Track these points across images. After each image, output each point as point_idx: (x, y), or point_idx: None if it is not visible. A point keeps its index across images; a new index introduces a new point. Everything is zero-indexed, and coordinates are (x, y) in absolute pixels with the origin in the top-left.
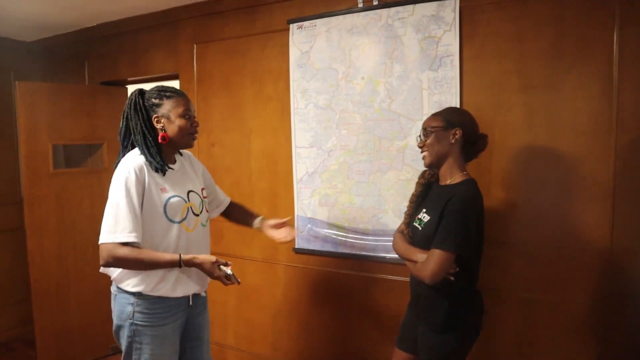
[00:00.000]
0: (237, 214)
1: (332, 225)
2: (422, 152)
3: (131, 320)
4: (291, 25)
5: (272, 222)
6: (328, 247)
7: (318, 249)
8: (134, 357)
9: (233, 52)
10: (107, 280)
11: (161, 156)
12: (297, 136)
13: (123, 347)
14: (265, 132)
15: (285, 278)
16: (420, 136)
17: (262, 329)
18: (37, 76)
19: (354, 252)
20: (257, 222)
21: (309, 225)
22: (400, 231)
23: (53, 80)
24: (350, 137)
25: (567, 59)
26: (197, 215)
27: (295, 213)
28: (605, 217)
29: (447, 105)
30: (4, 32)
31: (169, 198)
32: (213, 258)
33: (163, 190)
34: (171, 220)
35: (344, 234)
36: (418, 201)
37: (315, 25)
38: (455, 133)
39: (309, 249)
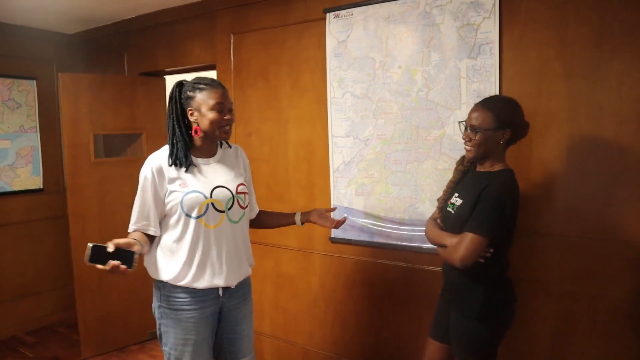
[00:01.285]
0: (270, 218)
1: (368, 215)
2: (466, 144)
3: (159, 303)
4: (328, 14)
5: (319, 210)
6: (364, 237)
7: (354, 239)
8: (163, 339)
9: (270, 42)
10: (145, 267)
11: (186, 151)
12: (334, 126)
13: (157, 329)
14: (302, 122)
15: (321, 267)
16: (464, 125)
17: (297, 317)
18: (79, 68)
19: (390, 241)
20: (298, 217)
21: (345, 215)
22: (432, 218)
23: (94, 71)
24: (387, 127)
25: (611, 45)
26: (222, 211)
27: (332, 203)
28: None
29: (486, 94)
30: (47, 25)
31: (187, 193)
32: (127, 241)
33: (183, 185)
34: (187, 215)
35: (380, 224)
36: (455, 187)
37: (352, 14)
38: (505, 134)
39: (345, 238)
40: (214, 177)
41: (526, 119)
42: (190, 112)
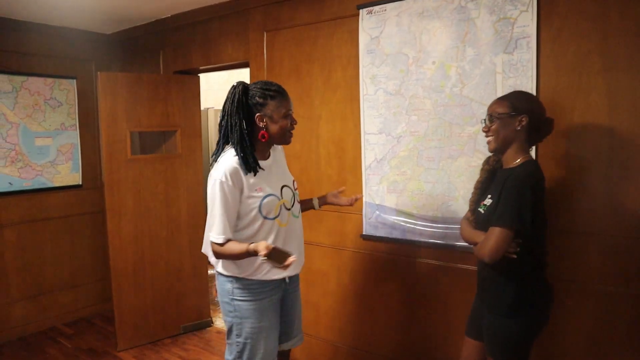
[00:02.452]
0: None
1: (400, 212)
2: (487, 136)
3: (231, 296)
4: (361, 11)
5: (332, 192)
6: (396, 234)
7: (386, 236)
8: (235, 332)
9: (302, 39)
10: (178, 263)
11: (254, 156)
12: (366, 122)
13: (227, 323)
14: (334, 119)
15: (352, 264)
16: (485, 120)
17: (328, 313)
18: (116, 66)
19: (422, 239)
20: (315, 201)
21: (377, 212)
22: (466, 218)
23: (131, 70)
24: (420, 123)
25: None
26: (289, 209)
27: (364, 199)
28: None
29: (523, 90)
30: (86, 26)
31: (264, 197)
32: (265, 243)
33: (259, 190)
34: (266, 217)
35: (413, 221)
36: (483, 187)
37: (385, 10)
38: (522, 120)
39: (376, 235)
40: (277, 178)
41: (564, 115)
42: (259, 117)
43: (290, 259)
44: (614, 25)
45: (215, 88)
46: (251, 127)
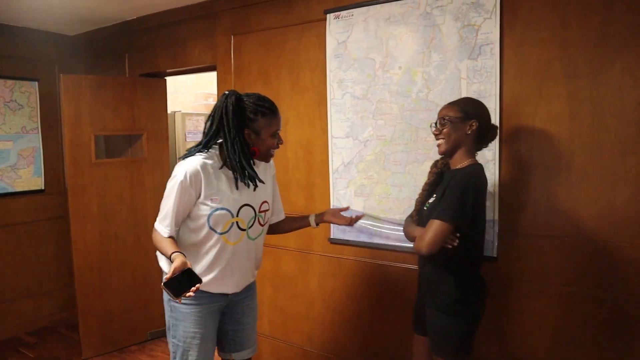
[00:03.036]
0: (287, 224)
1: (367, 216)
2: (437, 139)
3: (169, 298)
4: (328, 15)
5: (332, 210)
6: (363, 238)
7: (353, 240)
8: (171, 331)
9: (270, 43)
10: (145, 267)
11: (254, 169)
12: (334, 126)
13: (166, 321)
14: (302, 123)
15: (320, 268)
16: (435, 124)
17: (296, 318)
18: (80, 69)
19: (389, 242)
20: (312, 219)
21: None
22: (410, 216)
23: (95, 72)
24: (386, 128)
25: (614, 46)
26: (244, 230)
27: (331, 203)
28: None
29: (487, 95)
30: (49, 27)
31: (215, 210)
32: (182, 262)
33: (214, 200)
34: (212, 229)
35: (380, 225)
36: (430, 189)
37: (352, 15)
38: (472, 124)
39: (344, 239)
40: (244, 195)
41: (526, 120)
42: (247, 132)
43: (189, 294)
44: (574, 34)
45: (182, 91)
46: (244, 140)
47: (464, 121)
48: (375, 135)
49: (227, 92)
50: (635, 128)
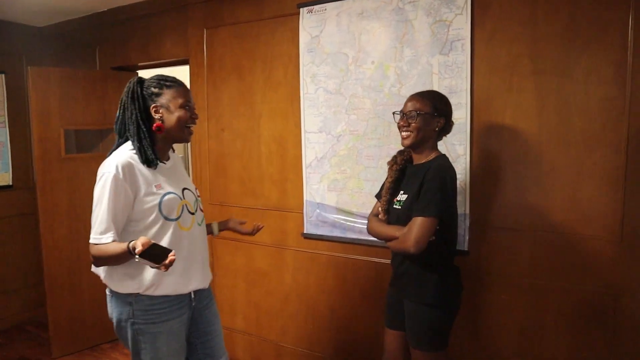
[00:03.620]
0: None
1: (340, 211)
2: (404, 131)
3: (132, 320)
4: (301, 9)
5: (234, 220)
6: (336, 233)
7: (326, 234)
8: (142, 356)
9: (243, 36)
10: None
11: (154, 149)
12: (307, 121)
13: (130, 348)
14: (275, 117)
15: (294, 263)
16: (401, 114)
17: (270, 313)
18: (49, 61)
19: (362, 237)
20: (215, 226)
21: (318, 211)
22: (374, 215)
23: (65, 65)
24: (359, 122)
25: (580, 43)
26: (193, 213)
27: (304, 198)
28: (616, 205)
29: (458, 90)
30: (16, 18)
31: (165, 195)
32: (147, 239)
33: (158, 187)
34: (166, 218)
35: (353, 219)
36: (395, 187)
37: (325, 9)
38: (440, 121)
39: (317, 234)
40: (178, 179)
41: (496, 114)
42: (155, 108)
43: (170, 257)
44: (542, 30)
45: None
46: (148, 120)
47: (434, 117)
48: (348, 130)
49: (132, 79)
50: (599, 123)
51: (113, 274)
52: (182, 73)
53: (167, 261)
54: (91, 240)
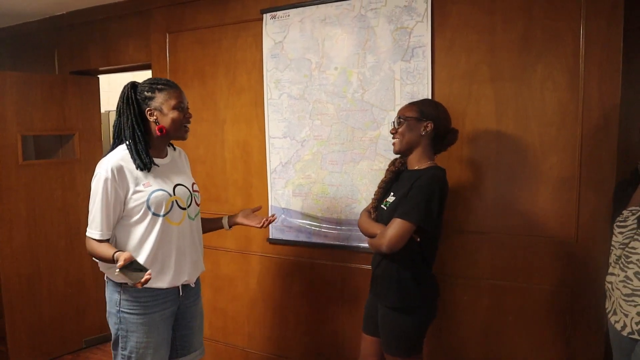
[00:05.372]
0: (205, 224)
1: (305, 216)
2: (393, 138)
3: (118, 308)
4: (264, 15)
5: (245, 211)
6: (302, 237)
7: (292, 239)
8: (120, 344)
9: (206, 41)
10: (79, 273)
11: (148, 152)
12: (271, 127)
13: (112, 334)
14: (239, 123)
15: (260, 268)
16: (394, 123)
17: (237, 319)
18: (4, 65)
19: (327, 241)
20: (225, 220)
21: (283, 216)
22: (367, 210)
23: (22, 69)
24: (323, 128)
25: (535, 51)
26: (184, 208)
27: (269, 203)
28: (571, 207)
29: (419, 96)
30: None
31: (152, 192)
32: (129, 254)
33: (146, 184)
34: (155, 214)
35: (318, 224)
36: (386, 187)
37: (288, 15)
38: (427, 125)
39: (283, 239)
40: (172, 176)
41: (456, 120)
42: (149, 112)
43: (146, 276)
44: (500, 39)
45: (117, 90)
46: (144, 123)
47: (419, 122)
48: (312, 135)
49: (126, 84)
50: (555, 129)
51: (106, 265)
52: (144, 78)
53: (142, 280)
54: (87, 234)
